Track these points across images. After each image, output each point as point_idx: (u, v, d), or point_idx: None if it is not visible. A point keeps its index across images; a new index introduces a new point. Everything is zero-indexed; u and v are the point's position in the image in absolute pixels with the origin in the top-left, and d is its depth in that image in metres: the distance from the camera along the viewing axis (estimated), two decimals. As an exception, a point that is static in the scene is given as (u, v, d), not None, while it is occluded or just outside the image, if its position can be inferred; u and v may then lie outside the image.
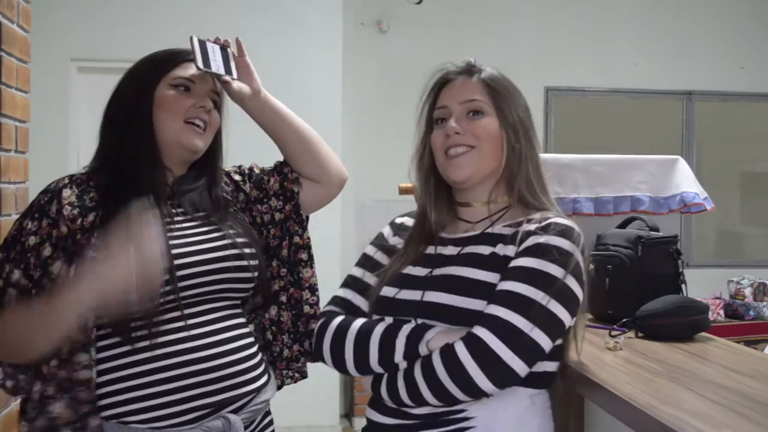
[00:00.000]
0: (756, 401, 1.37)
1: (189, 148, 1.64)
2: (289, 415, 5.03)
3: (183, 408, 1.54)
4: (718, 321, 3.93)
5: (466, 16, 5.75)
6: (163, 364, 1.53)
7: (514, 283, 1.40)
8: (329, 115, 4.97)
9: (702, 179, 3.02)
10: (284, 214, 1.81)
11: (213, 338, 1.59)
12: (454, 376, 1.35)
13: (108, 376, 1.53)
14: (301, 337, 1.82)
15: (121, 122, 1.63)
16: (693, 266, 5.52)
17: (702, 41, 6.00)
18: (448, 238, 1.58)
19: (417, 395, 1.41)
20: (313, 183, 1.83)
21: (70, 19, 4.65)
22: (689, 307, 1.96)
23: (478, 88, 1.56)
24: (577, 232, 1.47)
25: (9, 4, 2.30)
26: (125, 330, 1.52)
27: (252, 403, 1.65)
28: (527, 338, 1.36)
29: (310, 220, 1.87)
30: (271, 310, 1.80)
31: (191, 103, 1.64)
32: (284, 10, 4.97)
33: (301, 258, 1.83)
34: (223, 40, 1.72)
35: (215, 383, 1.57)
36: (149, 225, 1.48)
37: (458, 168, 1.54)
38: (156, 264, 1.44)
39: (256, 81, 1.75)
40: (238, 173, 1.81)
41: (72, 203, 1.56)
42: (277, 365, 1.82)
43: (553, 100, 5.89)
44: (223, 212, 1.69)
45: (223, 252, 1.62)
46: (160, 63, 1.66)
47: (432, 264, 1.54)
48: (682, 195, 2.61)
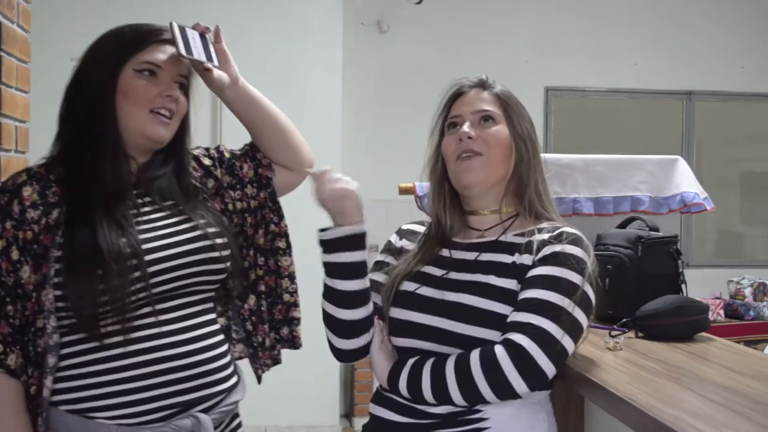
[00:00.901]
0: (756, 401, 1.37)
1: (153, 139, 1.57)
2: (289, 415, 5.04)
3: (153, 406, 1.50)
4: (718, 321, 3.93)
5: (466, 16, 5.75)
6: (133, 360, 1.49)
7: (542, 291, 1.46)
8: (329, 115, 4.97)
9: (702, 179, 3.02)
10: (258, 201, 1.76)
11: (185, 335, 1.54)
12: (491, 377, 1.41)
13: (76, 371, 1.49)
14: (278, 325, 1.78)
15: (83, 109, 1.55)
16: (693, 266, 5.52)
17: (702, 41, 6.00)
18: (461, 243, 1.63)
19: (443, 392, 1.45)
20: (285, 170, 1.79)
21: (70, 19, 4.65)
22: (689, 307, 1.96)
23: (490, 100, 1.62)
24: (586, 242, 1.55)
25: (9, 4, 2.30)
26: (94, 329, 1.47)
27: (222, 403, 1.60)
28: (560, 345, 1.43)
29: (311, 220, 1.84)
30: (250, 300, 1.75)
31: (157, 92, 1.55)
32: (284, 10, 4.97)
33: (279, 246, 1.78)
34: (202, 27, 1.66)
35: (186, 382, 1.53)
36: None
37: (468, 172, 1.58)
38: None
39: (234, 68, 1.70)
40: (207, 157, 1.74)
41: (35, 203, 1.50)
42: (260, 355, 1.77)
43: (553, 100, 5.89)
44: (193, 201, 1.63)
45: (195, 244, 1.57)
46: (126, 45, 1.56)
47: (448, 267, 1.59)
48: (682, 195, 2.61)
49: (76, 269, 1.46)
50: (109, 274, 1.44)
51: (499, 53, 5.75)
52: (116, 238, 1.48)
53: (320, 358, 4.96)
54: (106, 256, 1.45)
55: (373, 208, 6.69)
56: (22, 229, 1.48)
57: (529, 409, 1.53)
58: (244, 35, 4.77)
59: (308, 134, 4.89)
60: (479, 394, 1.42)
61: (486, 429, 1.48)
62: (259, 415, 4.73)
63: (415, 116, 1.73)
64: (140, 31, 1.58)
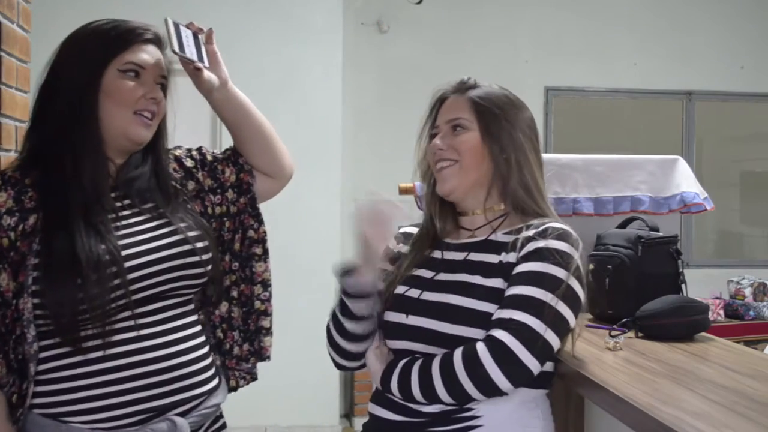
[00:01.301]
0: (756, 401, 1.37)
1: (135, 141, 1.55)
2: (289, 415, 5.04)
3: (129, 410, 1.48)
4: (718, 321, 3.93)
5: (466, 16, 5.75)
6: (111, 365, 1.47)
7: (523, 287, 1.47)
8: (329, 114, 4.97)
9: (702, 179, 3.02)
10: (238, 206, 1.74)
11: (163, 339, 1.53)
12: (473, 375, 1.42)
13: (51, 375, 1.47)
14: (251, 336, 1.75)
15: (63, 108, 1.51)
16: (693, 266, 5.52)
17: (702, 41, 6.00)
18: (452, 244, 1.65)
19: (431, 391, 1.46)
20: (265, 177, 1.77)
21: (70, 19, 4.65)
22: (689, 307, 1.96)
23: (464, 106, 1.64)
24: (574, 237, 1.54)
25: (9, 4, 2.30)
26: (72, 336, 1.45)
27: (201, 406, 1.57)
28: (542, 340, 1.43)
29: (311, 220, 1.84)
30: (222, 307, 1.72)
31: (142, 93, 1.53)
32: (284, 10, 4.97)
33: (255, 252, 1.75)
34: (197, 26, 1.65)
35: (163, 385, 1.51)
36: None
37: (443, 181, 1.63)
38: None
39: (224, 71, 1.68)
40: (189, 158, 1.71)
41: (10, 209, 1.47)
42: (227, 364, 1.74)
43: (553, 100, 5.89)
44: (173, 203, 1.61)
45: (175, 249, 1.54)
46: (110, 44, 1.53)
47: (437, 268, 1.61)
48: (682, 195, 2.61)
49: (54, 277, 1.43)
50: (88, 283, 1.42)
51: (499, 53, 5.75)
52: (95, 244, 1.45)
53: (320, 358, 4.95)
54: (84, 265, 1.42)
55: (373, 208, 6.57)
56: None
57: (524, 407, 1.53)
58: (244, 35, 4.77)
59: (308, 134, 4.91)
60: (464, 391, 1.43)
61: (479, 427, 1.49)
62: (259, 415, 4.73)
63: (416, 116, 1.73)
64: (123, 29, 1.56)
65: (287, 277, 5.03)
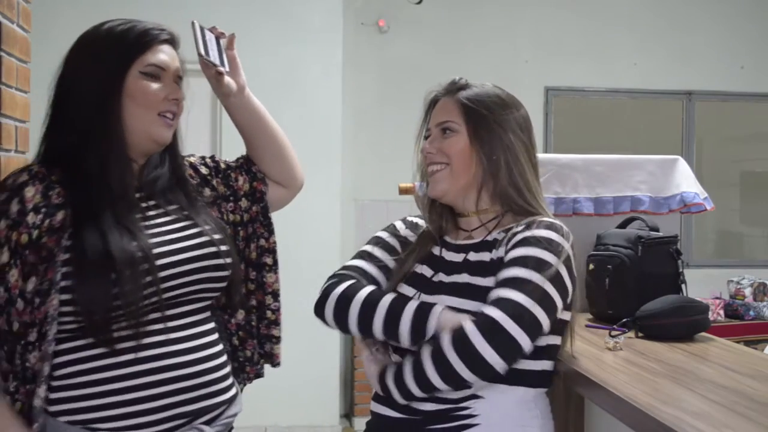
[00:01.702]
0: (756, 401, 1.37)
1: (159, 142, 1.56)
2: (289, 415, 5.04)
3: (158, 417, 1.47)
4: (718, 321, 3.93)
5: (466, 16, 5.75)
6: (142, 368, 1.46)
7: (511, 269, 1.47)
8: (329, 114, 4.97)
9: (702, 179, 3.02)
10: (250, 215, 1.75)
11: (191, 343, 1.52)
12: (464, 354, 1.40)
13: (80, 379, 1.45)
14: (263, 340, 1.76)
15: (86, 112, 1.51)
16: (693, 266, 5.52)
17: (702, 41, 6.00)
18: (451, 244, 1.65)
19: (425, 381, 1.45)
20: (277, 186, 1.79)
21: (70, 19, 4.65)
22: (689, 307, 1.96)
23: (453, 109, 1.64)
24: (565, 230, 1.54)
25: (9, 4, 2.29)
26: (106, 334, 1.43)
27: (224, 415, 1.58)
28: (530, 314, 1.42)
29: (311, 219, 1.84)
30: (239, 315, 1.72)
31: (165, 95, 1.54)
32: (284, 10, 4.97)
33: (266, 262, 1.76)
34: (219, 31, 1.67)
35: (192, 391, 1.50)
36: None
37: (433, 184, 1.64)
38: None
39: (242, 77, 1.70)
40: (204, 166, 1.72)
41: (37, 206, 1.45)
42: (247, 369, 1.74)
43: (553, 100, 5.89)
44: (195, 205, 1.62)
45: (202, 250, 1.55)
46: (130, 47, 1.53)
47: (436, 267, 1.62)
48: (682, 195, 2.61)
49: (87, 274, 1.42)
50: (122, 278, 1.41)
51: (499, 53, 5.75)
52: (128, 242, 1.45)
53: (320, 358, 4.96)
54: (118, 262, 1.42)
55: (373, 208, 6.73)
56: (17, 230, 1.44)
57: (522, 406, 1.53)
58: (244, 35, 4.73)
59: (308, 134, 4.92)
60: (457, 374, 1.41)
61: (476, 425, 1.49)
62: (259, 415, 4.73)
63: (415, 116, 1.73)
64: (139, 31, 1.56)
65: (286, 277, 4.99)
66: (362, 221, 5.53)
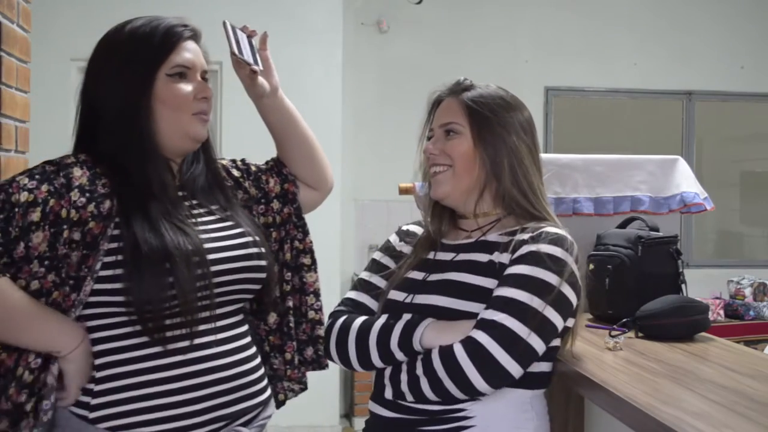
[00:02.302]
0: (756, 401, 1.37)
1: (197, 140, 1.55)
2: (289, 415, 5.02)
3: (203, 419, 1.45)
4: (718, 321, 3.93)
5: (466, 16, 5.75)
6: (192, 369, 1.44)
7: (511, 289, 1.45)
8: (329, 114, 4.97)
9: (702, 179, 3.02)
10: (282, 217, 1.74)
11: (234, 344, 1.52)
12: (452, 375, 1.42)
13: (123, 381, 1.42)
14: (302, 346, 1.74)
15: (117, 121, 1.49)
16: (693, 266, 5.52)
17: (702, 41, 6.00)
18: (447, 245, 1.65)
19: (417, 390, 1.47)
20: (308, 188, 1.79)
21: (70, 19, 4.65)
22: (689, 307, 1.96)
23: (457, 110, 1.63)
24: (570, 241, 1.53)
25: (9, 4, 2.30)
26: (161, 332, 1.40)
27: (260, 417, 1.59)
28: (524, 343, 1.42)
29: (311, 219, 1.83)
30: (270, 319, 1.70)
31: (194, 95, 1.52)
32: (284, 10, 4.97)
33: (304, 263, 1.75)
34: (250, 30, 1.65)
35: (235, 392, 1.50)
36: None
37: (436, 185, 1.63)
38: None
39: (275, 78, 1.69)
40: (236, 168, 1.72)
41: (83, 187, 1.42)
42: (288, 374, 1.73)
43: (553, 100, 5.89)
44: (234, 205, 1.62)
45: (246, 250, 1.55)
46: (156, 50, 1.50)
47: (428, 269, 1.61)
48: (682, 195, 2.61)
49: (142, 268, 1.39)
50: (178, 274, 1.40)
51: (499, 53, 5.75)
52: (182, 238, 1.44)
53: (320, 358, 4.86)
54: (175, 256, 1.40)
55: (373, 208, 6.74)
56: (58, 199, 1.40)
57: (518, 408, 1.53)
58: (244, 35, 4.76)
59: (308, 134, 4.70)
60: (447, 392, 1.43)
61: (470, 427, 1.49)
62: (259, 415, 4.73)
63: (416, 116, 1.73)
64: (163, 31, 1.53)
65: (287, 277, 5.02)
66: (362, 221, 5.53)
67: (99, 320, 1.45)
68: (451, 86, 1.67)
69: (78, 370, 1.42)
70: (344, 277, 5.20)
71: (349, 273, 5.36)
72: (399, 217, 1.93)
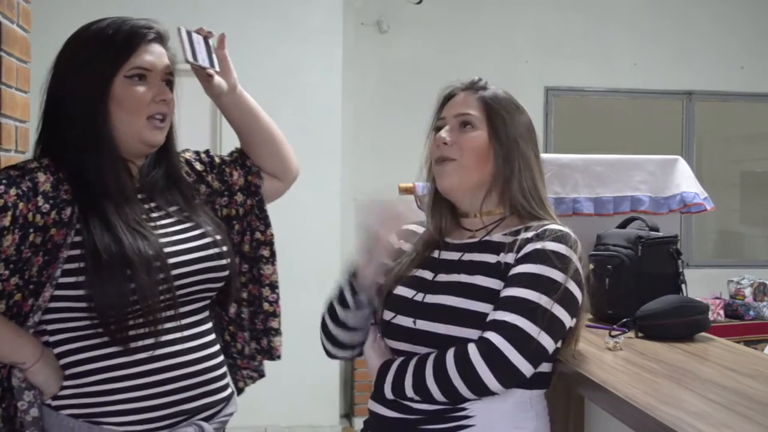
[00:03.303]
0: (756, 401, 1.37)
1: (151, 145, 1.56)
2: (289, 415, 5.04)
3: (164, 413, 1.49)
4: (718, 321, 3.92)
5: (466, 16, 5.75)
6: (157, 365, 1.48)
7: (519, 289, 1.46)
8: (329, 115, 4.97)
9: (702, 179, 3.02)
10: (245, 209, 1.75)
11: (197, 341, 1.55)
12: (464, 376, 1.42)
13: (92, 378, 1.47)
14: (258, 335, 1.76)
15: (76, 120, 1.51)
16: (693, 266, 5.51)
17: (702, 41, 6.00)
18: (452, 244, 1.64)
19: (424, 390, 1.47)
20: (273, 178, 1.79)
21: (71, 19, 4.64)
22: (689, 307, 1.96)
23: (474, 104, 1.62)
24: (573, 238, 1.53)
25: (9, 4, 2.30)
26: (123, 333, 1.44)
27: (221, 413, 1.60)
28: (535, 342, 1.42)
29: (311, 219, 1.84)
30: (231, 308, 1.73)
31: (151, 97, 1.53)
32: (284, 10, 4.96)
33: (263, 254, 1.77)
34: (206, 31, 1.65)
35: (196, 388, 1.52)
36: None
37: (442, 177, 1.61)
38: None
39: (233, 76, 1.69)
40: (199, 162, 1.73)
41: (47, 193, 1.44)
42: (239, 363, 1.75)
43: (553, 100, 5.89)
44: (193, 205, 1.63)
45: (206, 251, 1.57)
46: (116, 51, 1.51)
47: (436, 268, 1.61)
48: (682, 195, 2.61)
49: (103, 274, 1.42)
50: (138, 279, 1.43)
51: (499, 53, 5.75)
52: (141, 243, 1.46)
53: (320, 358, 4.94)
54: (134, 262, 1.43)
55: (373, 208, 6.55)
56: (26, 203, 1.42)
57: (518, 408, 1.53)
58: (244, 35, 4.76)
59: (308, 134, 4.92)
60: (456, 391, 1.44)
61: (471, 426, 1.49)
62: (259, 415, 4.73)
63: (416, 116, 1.73)
64: (126, 32, 1.54)
65: (286, 276, 4.99)
66: (362, 221, 5.53)
67: (61, 324, 1.49)
68: (468, 83, 1.67)
69: (46, 382, 1.47)
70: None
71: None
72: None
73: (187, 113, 1.83)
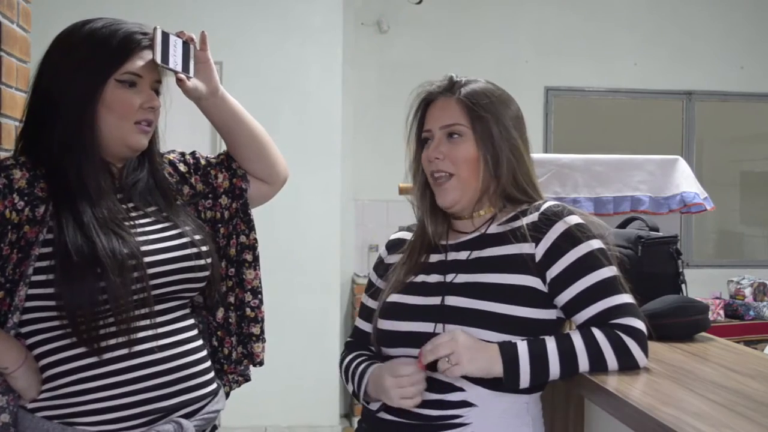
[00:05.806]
0: (756, 401, 1.37)
1: (135, 149, 1.57)
2: (289, 415, 5.04)
3: (139, 410, 1.48)
4: (718, 321, 3.92)
5: (466, 16, 5.75)
6: (130, 363, 1.47)
7: (589, 275, 1.51)
8: (329, 115, 4.97)
9: (702, 179, 3.02)
10: (230, 212, 1.74)
11: (172, 338, 1.54)
12: (622, 361, 1.50)
13: (66, 379, 1.47)
14: (244, 339, 1.75)
15: (62, 119, 1.51)
16: (693, 266, 5.52)
17: (702, 41, 6.00)
18: (451, 244, 1.62)
19: (601, 363, 1.50)
20: (260, 182, 1.77)
21: (71, 20, 4.64)
22: (689, 307, 1.95)
23: (456, 110, 1.59)
24: (567, 207, 1.58)
25: (9, 4, 2.30)
26: (91, 333, 1.44)
27: (204, 410, 1.59)
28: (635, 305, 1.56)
29: (311, 219, 1.83)
30: (219, 313, 1.72)
31: (140, 103, 1.54)
32: (284, 9, 4.97)
33: (246, 259, 1.75)
34: (187, 36, 1.63)
35: (173, 385, 1.52)
36: None
37: (443, 194, 1.59)
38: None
39: (214, 79, 1.67)
40: (183, 163, 1.72)
41: (22, 190, 1.46)
42: (226, 368, 1.75)
43: (553, 100, 5.89)
44: (174, 206, 1.62)
45: (183, 251, 1.56)
46: (110, 56, 1.52)
47: (445, 271, 1.58)
48: (682, 195, 2.62)
49: (72, 275, 1.42)
50: (109, 279, 1.42)
51: (499, 53, 5.75)
52: (114, 240, 1.46)
53: (320, 358, 4.96)
54: (103, 257, 1.42)
55: (373, 208, 6.72)
56: (2, 201, 1.44)
57: (513, 413, 1.52)
58: (245, 35, 4.76)
59: (308, 134, 4.92)
60: (604, 360, 1.49)
61: None
62: (259, 415, 4.73)
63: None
64: (121, 37, 1.54)
65: (287, 276, 5.03)
66: (362, 221, 5.54)
67: (35, 325, 1.49)
68: (445, 84, 1.63)
69: (27, 387, 1.47)
70: (344, 277, 5.20)
71: (349, 273, 5.35)
72: (399, 217, 1.92)
73: (186, 114, 1.83)
